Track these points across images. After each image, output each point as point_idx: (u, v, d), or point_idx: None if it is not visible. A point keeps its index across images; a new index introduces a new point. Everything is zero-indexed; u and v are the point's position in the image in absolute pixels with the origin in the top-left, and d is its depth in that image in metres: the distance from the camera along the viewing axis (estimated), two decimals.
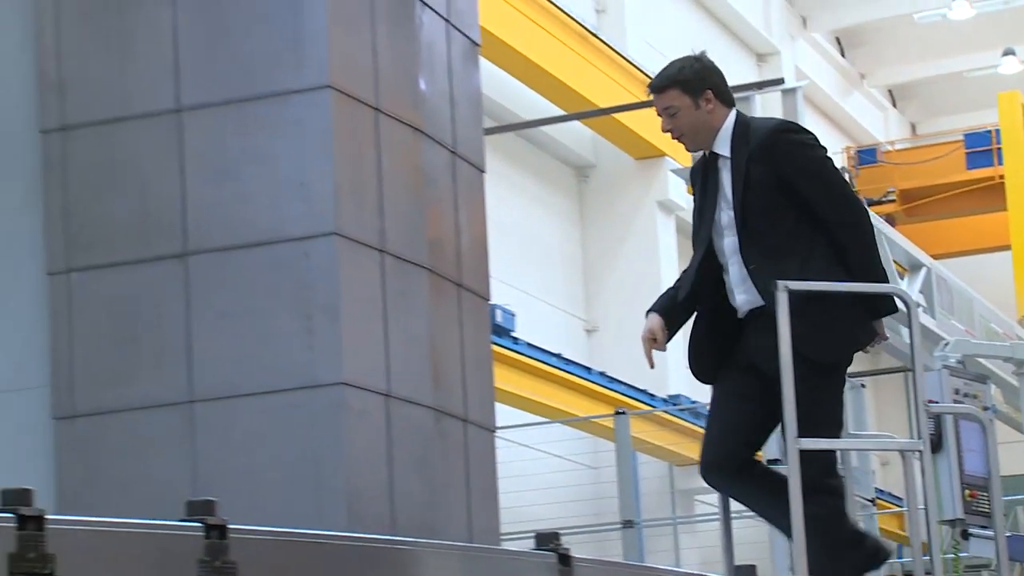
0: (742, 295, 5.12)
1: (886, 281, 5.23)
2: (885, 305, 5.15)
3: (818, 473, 4.97)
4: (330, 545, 3.17)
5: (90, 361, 4.77)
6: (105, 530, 2.70)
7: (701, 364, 5.22)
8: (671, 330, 5.21)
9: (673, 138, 5.20)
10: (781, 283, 4.89)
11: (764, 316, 5.02)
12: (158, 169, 4.78)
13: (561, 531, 4.21)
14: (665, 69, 5.23)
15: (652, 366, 5.20)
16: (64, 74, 4.88)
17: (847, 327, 5.05)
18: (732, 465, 5.15)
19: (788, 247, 5.06)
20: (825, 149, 5.21)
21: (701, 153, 5.28)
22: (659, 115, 5.21)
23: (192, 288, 4.72)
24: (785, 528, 4.98)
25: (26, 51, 4.93)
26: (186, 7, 4.81)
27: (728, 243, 5.13)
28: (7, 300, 4.92)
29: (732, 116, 5.16)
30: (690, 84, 5.13)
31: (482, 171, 5.46)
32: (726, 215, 5.12)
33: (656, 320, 5.18)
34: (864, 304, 5.09)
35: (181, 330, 4.70)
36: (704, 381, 5.26)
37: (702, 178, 5.24)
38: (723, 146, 5.14)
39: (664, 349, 5.19)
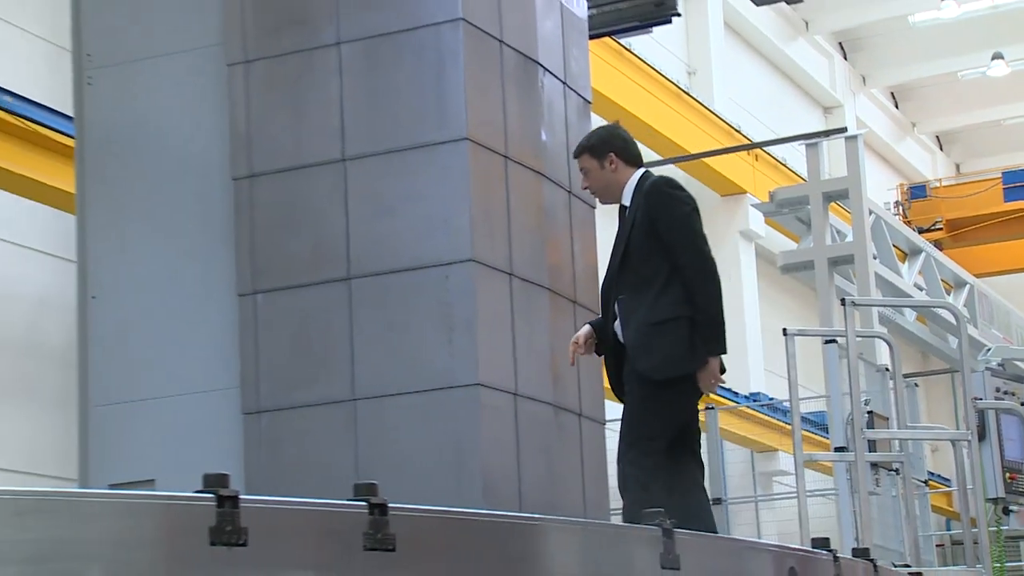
0: (617, 324, 5.02)
1: (720, 319, 4.95)
2: (716, 345, 4.92)
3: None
4: (470, 520, 3.17)
5: (272, 366, 4.82)
6: (287, 507, 2.73)
7: (612, 384, 5.14)
8: (599, 342, 5.07)
9: (591, 194, 5.18)
10: (848, 299, 4.81)
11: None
12: (327, 208, 4.83)
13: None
14: (582, 140, 5.21)
15: (572, 364, 5.08)
16: (252, 132, 4.95)
17: (676, 353, 4.86)
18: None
19: (649, 282, 4.94)
20: (693, 208, 5.04)
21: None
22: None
23: (355, 306, 4.76)
24: None
25: (223, 115, 5.01)
26: (350, 76, 4.86)
27: (616, 278, 5.05)
28: (205, 316, 4.99)
29: (638, 173, 5.10)
30: (595, 149, 5.11)
31: (593, 207, 5.46)
32: (619, 255, 5.07)
33: (586, 329, 5.08)
34: (700, 338, 4.90)
35: (346, 340, 4.74)
36: (619, 398, 5.13)
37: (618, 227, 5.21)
38: (627, 198, 5.09)
39: (584, 353, 5.05)
